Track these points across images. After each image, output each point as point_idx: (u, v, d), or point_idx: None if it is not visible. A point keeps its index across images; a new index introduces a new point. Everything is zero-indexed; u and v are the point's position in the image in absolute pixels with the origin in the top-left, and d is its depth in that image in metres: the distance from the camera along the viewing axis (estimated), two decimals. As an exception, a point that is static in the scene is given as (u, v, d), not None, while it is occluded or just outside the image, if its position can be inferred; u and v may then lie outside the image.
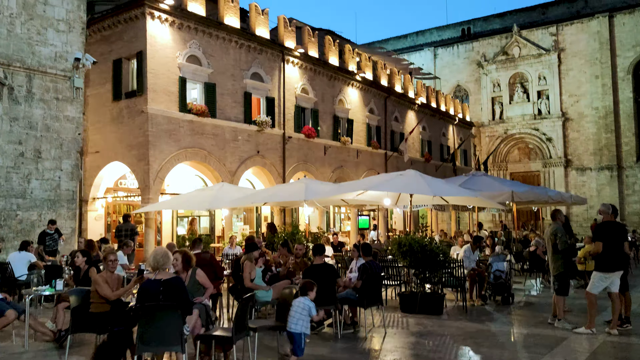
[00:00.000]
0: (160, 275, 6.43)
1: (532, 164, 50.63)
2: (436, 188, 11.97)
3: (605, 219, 9.24)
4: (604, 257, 8.93)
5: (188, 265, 7.68)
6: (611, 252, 8.86)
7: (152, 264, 6.54)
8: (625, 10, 46.86)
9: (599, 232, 9.07)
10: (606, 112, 46.61)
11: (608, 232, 8.97)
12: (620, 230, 9.05)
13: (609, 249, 8.86)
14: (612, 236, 8.90)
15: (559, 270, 9.76)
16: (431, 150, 36.38)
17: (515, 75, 51.24)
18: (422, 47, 57.43)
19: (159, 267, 6.46)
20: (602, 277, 9.00)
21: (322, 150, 25.74)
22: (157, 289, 6.31)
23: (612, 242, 8.86)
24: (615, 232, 8.94)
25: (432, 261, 11.01)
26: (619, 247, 8.88)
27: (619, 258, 8.90)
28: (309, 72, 25.29)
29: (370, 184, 13.11)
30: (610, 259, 8.87)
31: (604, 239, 8.94)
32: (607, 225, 9.13)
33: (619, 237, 8.93)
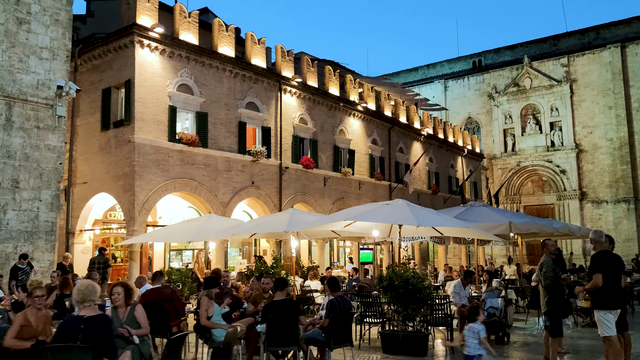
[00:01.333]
0: (85, 312, 5.71)
1: (546, 196, 49.38)
2: (423, 218, 11.12)
3: (600, 248, 8.30)
4: (605, 291, 7.91)
5: (129, 299, 6.95)
6: (612, 286, 7.91)
7: (75, 298, 5.84)
8: (637, 40, 46.14)
9: (596, 263, 8.10)
10: (621, 143, 45.49)
11: (606, 262, 8.01)
12: (618, 261, 8.11)
13: (608, 282, 7.90)
14: (611, 268, 7.96)
15: (545, 307, 8.81)
16: (439, 182, 35.48)
17: (526, 107, 50.49)
18: (433, 80, 57.14)
19: (84, 301, 5.75)
20: (608, 315, 7.99)
21: (322, 182, 25.04)
22: (77, 327, 5.59)
23: (612, 275, 7.90)
24: (613, 264, 8.01)
25: (414, 297, 10.13)
26: (618, 281, 7.95)
27: (620, 293, 7.95)
28: (307, 101, 24.81)
29: (353, 213, 12.32)
30: (612, 293, 7.89)
31: (603, 270, 7.97)
32: (604, 255, 8.18)
33: (617, 269, 7.99)
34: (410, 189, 29.25)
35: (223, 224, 15.65)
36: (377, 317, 11.26)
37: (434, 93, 56.02)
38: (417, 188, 32.49)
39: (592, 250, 8.54)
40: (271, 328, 7.97)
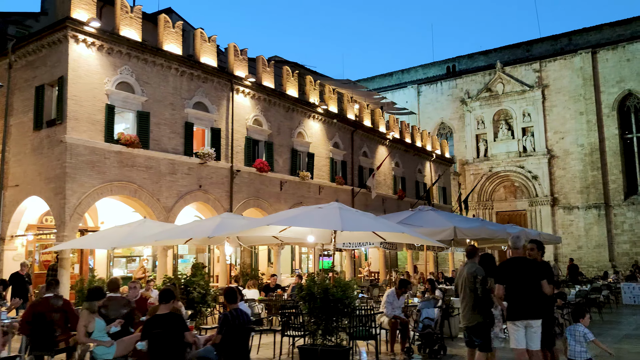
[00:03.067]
0: None
1: (518, 202, 48.97)
2: (350, 223, 10.28)
3: (515, 254, 7.58)
4: (509, 302, 7.30)
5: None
6: (517, 296, 7.19)
7: None
8: (608, 46, 46.03)
9: (499, 272, 7.45)
10: (592, 149, 45.22)
11: (511, 271, 7.34)
12: (530, 269, 7.35)
13: (512, 292, 7.20)
14: (515, 276, 7.27)
15: (477, 320, 8.00)
16: (405, 186, 34.76)
17: (499, 112, 50.12)
18: (406, 85, 56.65)
19: None
20: (512, 326, 7.29)
21: (278, 186, 24.15)
22: None
23: (517, 284, 7.24)
24: (520, 271, 7.29)
25: (335, 308, 9.27)
26: (527, 290, 7.18)
27: (527, 303, 7.18)
28: (263, 102, 23.92)
29: (281, 217, 11.45)
30: (516, 303, 7.20)
31: (506, 280, 7.30)
32: (510, 264, 7.49)
33: (526, 277, 7.25)
34: (373, 193, 28.49)
35: (155, 229, 14.71)
36: (299, 330, 10.37)
37: (407, 98, 55.54)
38: (382, 193, 31.76)
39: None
40: (153, 346, 7.07)
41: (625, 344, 12.67)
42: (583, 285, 21.26)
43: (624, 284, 23.03)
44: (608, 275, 29.39)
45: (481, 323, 7.92)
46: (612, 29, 48.03)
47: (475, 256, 8.28)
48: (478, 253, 8.36)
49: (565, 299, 14.67)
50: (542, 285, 7.28)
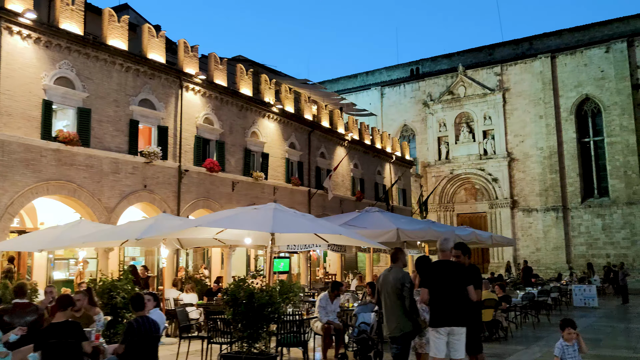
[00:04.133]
0: None
1: (479, 204, 49.30)
2: (282, 225, 9.83)
3: (442, 257, 7.24)
4: (431, 307, 6.95)
5: None
6: (440, 301, 6.86)
7: None
8: (566, 51, 46.69)
9: (424, 276, 7.09)
10: (551, 152, 45.78)
11: (434, 275, 7.00)
12: (456, 272, 7.01)
13: (436, 297, 6.87)
14: (440, 280, 6.92)
15: (402, 330, 7.58)
16: (364, 188, 34.52)
17: (461, 115, 50.41)
18: (370, 87, 56.59)
19: None
20: (434, 333, 6.94)
21: (230, 186, 23.58)
22: None
23: (441, 288, 6.89)
24: (445, 275, 6.94)
25: (260, 314, 8.80)
26: (451, 295, 6.85)
27: (451, 309, 6.84)
28: (214, 100, 23.33)
29: (212, 218, 10.95)
30: (438, 309, 6.86)
31: (429, 284, 6.96)
32: (435, 267, 7.15)
33: (451, 281, 6.92)
34: (330, 194, 28.12)
35: (90, 230, 14.04)
36: (225, 336, 9.87)
37: (370, 100, 55.50)
38: (340, 194, 31.44)
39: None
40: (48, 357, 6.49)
41: (566, 348, 12.49)
42: (534, 288, 21.24)
43: (574, 286, 23.13)
44: (562, 277, 29.62)
45: (407, 333, 7.51)
46: (571, 34, 48.81)
47: (399, 260, 7.89)
48: (403, 257, 7.97)
49: (510, 302, 14.52)
50: (468, 291, 6.93)
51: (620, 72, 43.71)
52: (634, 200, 41.91)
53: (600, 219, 43.38)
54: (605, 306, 22.78)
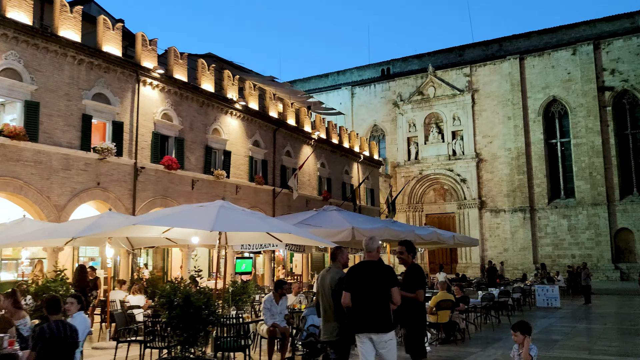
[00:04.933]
0: None
1: (447, 205, 49.34)
2: (224, 223, 9.32)
3: (368, 258, 6.79)
4: (353, 312, 6.49)
5: None
6: (360, 305, 6.39)
7: None
8: (534, 52, 47.01)
9: (346, 279, 6.64)
10: (518, 153, 46.03)
11: (356, 277, 6.52)
12: (379, 274, 6.49)
13: (357, 300, 6.42)
14: (361, 282, 6.44)
15: (333, 336, 7.08)
16: (331, 188, 34.13)
17: (430, 116, 50.42)
18: (340, 86, 56.29)
19: None
20: (357, 339, 6.48)
21: (189, 184, 22.93)
22: None
23: (363, 291, 6.40)
24: (367, 277, 6.45)
25: (196, 317, 8.28)
26: (373, 299, 6.37)
27: (372, 314, 6.35)
28: (173, 96, 22.66)
29: (153, 217, 10.39)
30: (359, 314, 6.41)
31: (351, 287, 6.50)
32: (357, 269, 6.67)
33: (373, 283, 6.42)
34: (294, 194, 27.61)
35: (33, 228, 13.32)
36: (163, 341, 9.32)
37: (341, 99, 55.22)
38: (306, 194, 30.99)
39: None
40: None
41: (522, 350, 12.21)
42: (497, 288, 21.07)
43: (537, 287, 23.05)
44: (527, 278, 29.66)
45: (345, 338, 7.05)
46: (539, 36, 49.19)
47: (338, 259, 7.43)
48: (343, 256, 7.49)
49: (468, 303, 14.24)
50: (392, 294, 6.46)
51: (587, 74, 44.16)
52: (598, 201, 42.36)
53: (566, 220, 43.76)
54: (567, 306, 22.76)
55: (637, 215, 41.30)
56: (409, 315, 7.21)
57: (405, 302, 7.27)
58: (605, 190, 42.33)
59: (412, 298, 7.18)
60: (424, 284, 7.34)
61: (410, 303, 7.23)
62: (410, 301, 7.22)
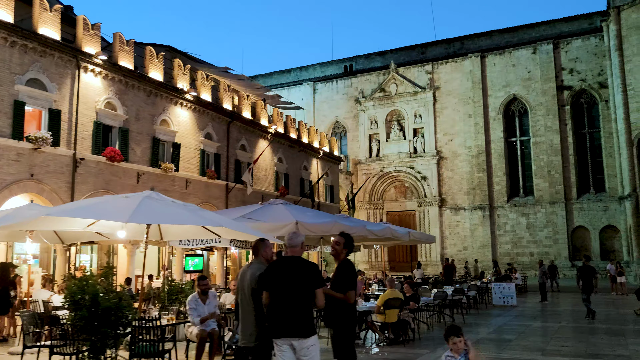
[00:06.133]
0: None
1: (408, 203, 49.05)
2: (144, 215, 8.39)
3: (290, 253, 5.95)
4: (270, 314, 5.69)
5: None
6: (278, 307, 5.60)
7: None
8: (496, 51, 47.06)
9: (264, 277, 5.81)
10: (479, 151, 46.02)
11: (275, 275, 5.70)
12: (301, 272, 5.65)
13: (275, 301, 5.62)
14: (281, 281, 5.63)
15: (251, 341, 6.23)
16: (288, 184, 33.28)
17: (392, 113, 50.06)
18: (302, 82, 55.48)
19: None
20: (275, 345, 5.64)
21: (134, 178, 21.78)
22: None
23: (282, 291, 5.60)
24: (287, 275, 5.64)
25: (105, 319, 7.34)
26: (292, 300, 5.55)
27: (291, 317, 5.52)
28: (118, 84, 21.45)
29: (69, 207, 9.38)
30: (276, 317, 5.60)
31: (269, 285, 5.70)
32: (275, 265, 5.86)
33: (293, 283, 5.59)
34: (249, 189, 26.63)
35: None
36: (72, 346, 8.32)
37: (303, 95, 54.44)
38: (262, 189, 30.05)
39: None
40: None
41: (472, 350, 11.59)
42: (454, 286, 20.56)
43: (494, 284, 22.65)
44: (485, 275, 29.38)
45: (261, 344, 6.21)
46: (501, 35, 49.29)
47: (260, 254, 6.59)
48: (266, 250, 6.65)
49: (419, 302, 13.58)
50: (316, 295, 5.63)
51: (546, 73, 44.41)
52: (556, 199, 42.62)
53: (525, 218, 43.93)
54: (523, 304, 22.44)
55: (593, 214, 41.70)
56: (339, 317, 6.42)
57: (335, 302, 6.50)
58: (563, 188, 42.64)
59: (342, 299, 6.41)
60: (355, 283, 6.55)
61: (340, 304, 6.45)
62: (340, 302, 6.44)
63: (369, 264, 47.25)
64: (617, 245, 40.71)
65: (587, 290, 17.31)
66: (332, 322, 6.51)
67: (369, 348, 11.93)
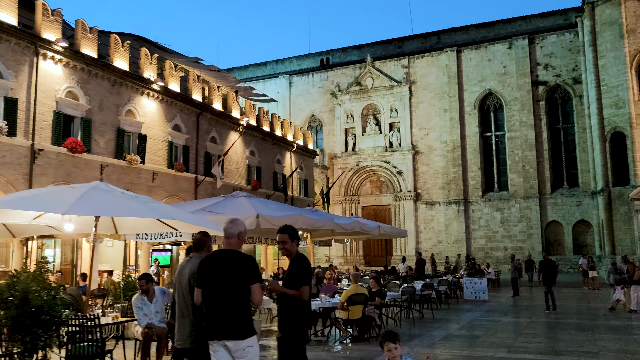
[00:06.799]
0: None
1: (384, 197, 48.83)
2: (85, 206, 7.84)
3: (225, 246, 5.43)
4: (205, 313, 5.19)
5: None
6: (211, 306, 5.10)
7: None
8: (471, 46, 46.95)
9: (199, 272, 5.32)
10: (454, 146, 45.92)
11: (208, 270, 5.21)
12: (235, 266, 5.14)
13: (208, 299, 5.12)
14: (214, 277, 5.13)
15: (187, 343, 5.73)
16: (261, 177, 32.70)
17: (368, 107, 49.72)
18: (278, 75, 54.87)
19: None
20: (210, 347, 5.16)
21: (97, 169, 21.01)
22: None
23: (215, 288, 5.11)
24: (221, 270, 5.13)
25: (37, 319, 6.78)
26: (225, 298, 5.06)
27: (224, 316, 5.03)
28: (80, 72, 20.66)
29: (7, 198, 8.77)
30: (210, 316, 5.12)
31: (202, 282, 5.20)
32: (209, 260, 5.34)
33: (226, 278, 5.09)
34: (218, 182, 25.97)
35: None
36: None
37: (278, 88, 53.84)
38: (233, 183, 29.43)
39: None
40: None
41: (437, 347, 11.26)
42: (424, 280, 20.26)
43: (466, 279, 22.44)
44: (457, 270, 29.19)
45: (199, 346, 5.71)
46: (477, 30, 49.20)
47: (203, 248, 6.09)
48: (208, 243, 6.17)
49: (384, 297, 13.19)
50: (252, 292, 5.15)
51: (522, 68, 44.43)
52: (530, 194, 42.74)
53: (499, 213, 43.97)
54: (495, 299, 22.27)
55: (567, 209, 41.88)
56: (290, 317, 5.91)
57: (287, 301, 6.00)
58: (537, 183, 42.76)
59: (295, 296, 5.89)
60: (309, 279, 6.03)
61: (293, 302, 5.93)
62: (293, 300, 5.93)
63: (344, 258, 46.93)
64: (590, 240, 40.97)
65: (548, 283, 17.93)
66: (282, 324, 6.00)
67: (331, 345, 11.51)
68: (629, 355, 10.15)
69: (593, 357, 10.05)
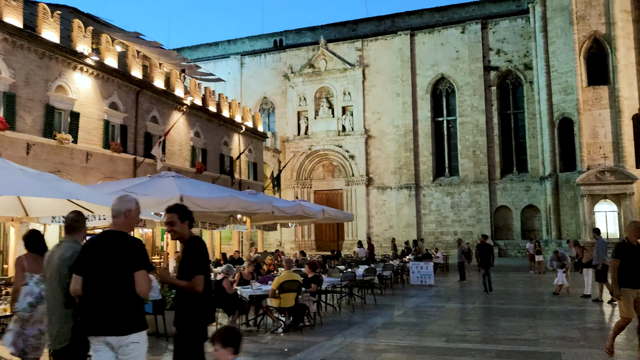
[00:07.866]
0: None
1: (336, 181, 48.29)
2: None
3: (111, 227, 4.62)
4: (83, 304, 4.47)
5: None
6: (90, 297, 4.35)
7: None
8: (425, 29, 46.59)
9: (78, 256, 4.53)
10: (406, 130, 45.64)
11: (89, 255, 4.45)
12: (117, 250, 4.38)
13: (88, 289, 4.40)
14: (95, 263, 4.36)
15: (60, 342, 4.86)
16: (206, 160, 31.55)
17: (321, 90, 48.90)
18: (229, 56, 53.40)
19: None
20: (92, 345, 4.36)
21: (23, 149, 19.57)
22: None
23: (96, 276, 4.34)
24: (102, 255, 4.37)
25: None
26: (104, 287, 4.30)
27: (103, 309, 4.28)
28: (2, 43, 19.10)
29: None
30: (88, 308, 4.36)
31: (82, 268, 4.46)
32: (91, 243, 4.57)
33: (108, 264, 4.35)
34: (158, 164, 24.78)
35: None
36: None
37: (229, 69, 52.43)
38: (176, 165, 28.22)
39: None
40: None
41: (375, 336, 10.64)
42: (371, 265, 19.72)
43: (412, 264, 22.05)
44: (405, 254, 28.91)
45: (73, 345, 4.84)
46: (431, 14, 48.81)
47: (79, 231, 5.19)
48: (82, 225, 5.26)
49: (321, 284, 12.50)
50: (135, 280, 4.34)
51: (474, 53, 44.37)
52: (480, 179, 42.91)
53: (450, 197, 44.05)
54: (442, 284, 21.98)
55: (515, 194, 42.26)
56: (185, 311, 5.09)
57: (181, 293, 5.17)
58: (487, 168, 42.95)
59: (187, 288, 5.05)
60: (205, 267, 5.19)
61: (187, 295, 5.09)
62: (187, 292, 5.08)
63: (296, 242, 46.15)
64: (537, 225, 41.47)
65: (485, 266, 18.68)
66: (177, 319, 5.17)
67: (261, 336, 10.75)
68: (568, 342, 9.76)
69: (532, 344, 9.61)
